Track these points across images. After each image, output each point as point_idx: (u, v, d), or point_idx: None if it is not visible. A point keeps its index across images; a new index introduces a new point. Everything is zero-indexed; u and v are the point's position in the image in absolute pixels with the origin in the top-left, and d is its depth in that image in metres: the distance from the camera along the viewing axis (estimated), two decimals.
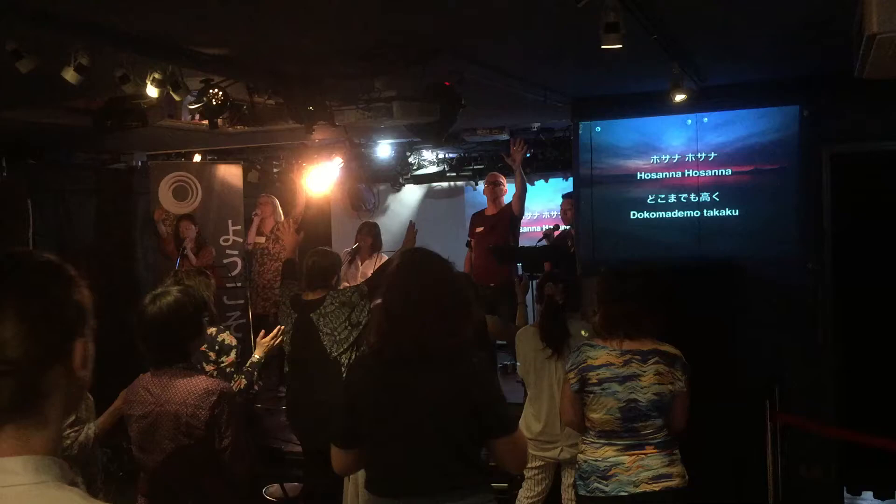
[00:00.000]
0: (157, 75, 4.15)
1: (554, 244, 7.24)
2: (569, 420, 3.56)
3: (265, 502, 5.33)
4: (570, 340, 4.35)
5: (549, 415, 4.34)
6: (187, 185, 8.59)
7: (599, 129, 5.98)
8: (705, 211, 5.70)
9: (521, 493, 4.52)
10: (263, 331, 4.12)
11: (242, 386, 3.95)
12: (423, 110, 4.54)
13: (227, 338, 4.14)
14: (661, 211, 5.82)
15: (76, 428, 3.23)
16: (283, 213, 8.30)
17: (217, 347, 4.07)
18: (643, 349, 3.37)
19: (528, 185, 7.76)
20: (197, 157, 8.88)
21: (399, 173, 9.89)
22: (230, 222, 8.69)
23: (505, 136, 7.88)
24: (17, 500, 1.06)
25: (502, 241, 7.02)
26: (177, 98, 4.44)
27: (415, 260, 2.72)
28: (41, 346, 1.11)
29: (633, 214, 5.89)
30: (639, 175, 5.87)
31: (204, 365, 3.97)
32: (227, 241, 8.68)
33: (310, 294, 4.69)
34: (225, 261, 8.48)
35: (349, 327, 4.51)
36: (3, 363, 1.08)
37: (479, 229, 7.33)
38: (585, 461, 3.45)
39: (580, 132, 6.03)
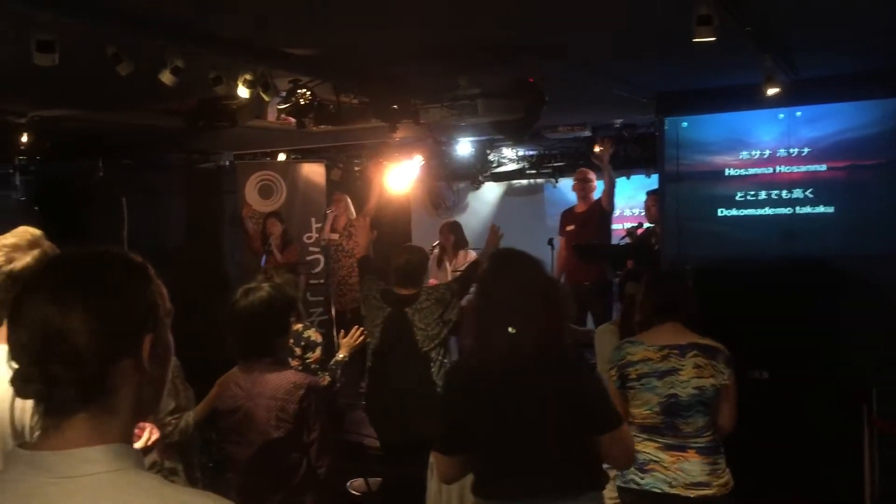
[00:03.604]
0: (248, 76, 4.25)
1: (638, 242, 7.13)
2: None
3: (349, 496, 5.41)
4: None
5: None
6: (272, 184, 8.79)
7: (686, 125, 5.86)
8: (797, 208, 5.52)
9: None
10: (343, 331, 4.20)
11: (326, 383, 4.04)
12: (508, 107, 4.54)
13: (313, 334, 4.21)
14: (750, 208, 5.66)
15: (176, 415, 3.28)
16: (356, 211, 8.41)
17: (303, 343, 4.13)
18: (681, 343, 3.36)
19: None
20: (281, 157, 9.07)
21: (479, 171, 9.88)
22: (313, 220, 8.85)
23: (587, 133, 7.79)
24: (99, 487, 1.09)
25: (593, 238, 6.98)
26: (266, 98, 4.53)
27: (505, 261, 2.70)
28: (111, 340, 1.14)
29: (721, 212, 5.74)
30: (727, 171, 5.73)
31: (290, 360, 4.03)
32: (310, 238, 8.85)
33: (403, 290, 4.76)
34: (308, 258, 8.65)
35: (441, 324, 4.58)
36: (74, 354, 1.11)
37: (570, 227, 7.29)
38: None
39: (666, 128, 5.92)
